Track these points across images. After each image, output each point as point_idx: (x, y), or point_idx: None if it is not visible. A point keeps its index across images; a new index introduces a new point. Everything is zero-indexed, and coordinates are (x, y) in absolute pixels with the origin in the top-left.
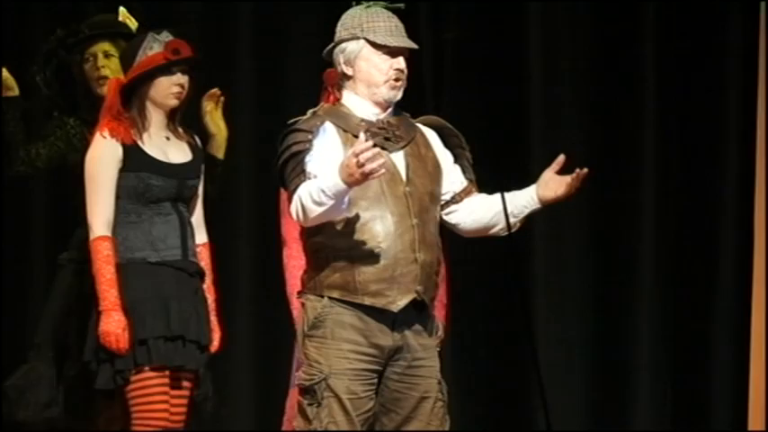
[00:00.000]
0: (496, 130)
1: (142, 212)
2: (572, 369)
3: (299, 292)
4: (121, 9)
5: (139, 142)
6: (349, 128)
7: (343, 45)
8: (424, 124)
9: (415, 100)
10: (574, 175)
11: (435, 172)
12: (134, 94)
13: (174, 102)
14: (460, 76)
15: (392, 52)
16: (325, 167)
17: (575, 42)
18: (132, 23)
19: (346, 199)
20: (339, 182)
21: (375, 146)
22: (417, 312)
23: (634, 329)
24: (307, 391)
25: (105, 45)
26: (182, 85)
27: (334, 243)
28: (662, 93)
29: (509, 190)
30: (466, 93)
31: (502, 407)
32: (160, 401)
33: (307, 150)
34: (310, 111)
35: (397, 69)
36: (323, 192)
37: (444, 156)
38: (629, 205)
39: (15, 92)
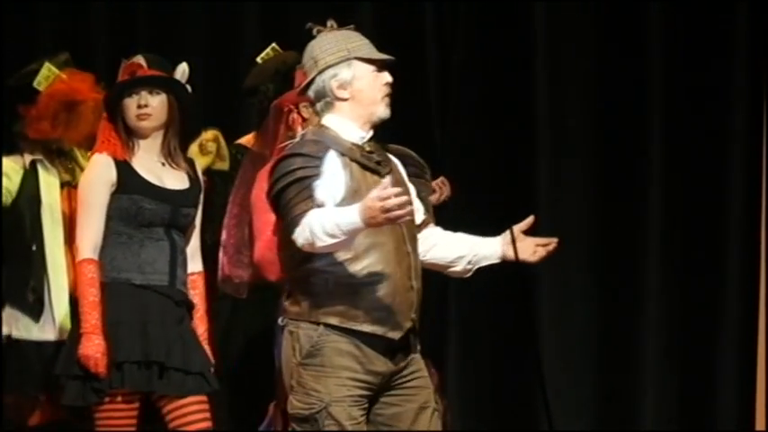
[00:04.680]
0: (501, 150)
1: (133, 235)
2: (576, 368)
3: (284, 319)
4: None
5: (130, 161)
6: (345, 151)
7: (333, 70)
8: (392, 153)
9: (421, 119)
10: (543, 243)
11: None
12: (115, 117)
13: (142, 123)
14: (466, 94)
15: (379, 68)
16: (333, 196)
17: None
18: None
19: (354, 239)
20: (358, 220)
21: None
22: (407, 338)
23: (639, 329)
24: (306, 420)
25: None
26: (144, 106)
27: (334, 269)
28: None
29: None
30: (472, 111)
31: (503, 407)
32: (127, 425)
33: (314, 177)
34: (299, 134)
35: (387, 84)
36: (338, 226)
37: (410, 184)
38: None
39: (226, 165)
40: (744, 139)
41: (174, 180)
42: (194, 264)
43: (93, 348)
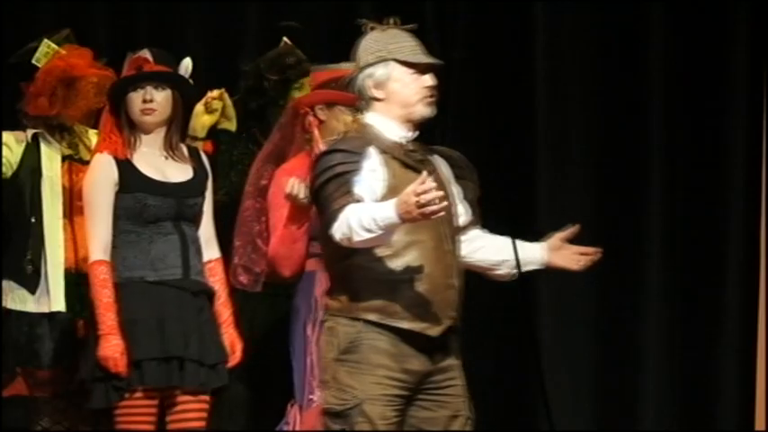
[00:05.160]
0: (502, 148)
1: (141, 232)
2: (577, 368)
3: (326, 314)
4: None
5: (133, 160)
6: (387, 149)
7: (371, 70)
8: (438, 154)
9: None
10: (587, 252)
11: (452, 200)
12: (119, 111)
13: (146, 118)
14: (466, 95)
15: (421, 70)
16: (372, 191)
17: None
18: None
19: (393, 234)
20: (393, 215)
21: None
22: (448, 336)
23: (640, 330)
24: (338, 415)
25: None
26: (149, 101)
27: (373, 266)
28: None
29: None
30: (473, 110)
31: (503, 407)
32: (146, 422)
33: (354, 172)
34: (341, 131)
35: (428, 87)
36: (374, 221)
37: (453, 186)
38: (635, 211)
39: (233, 126)
40: (744, 138)
41: (177, 172)
42: (211, 251)
43: (112, 349)
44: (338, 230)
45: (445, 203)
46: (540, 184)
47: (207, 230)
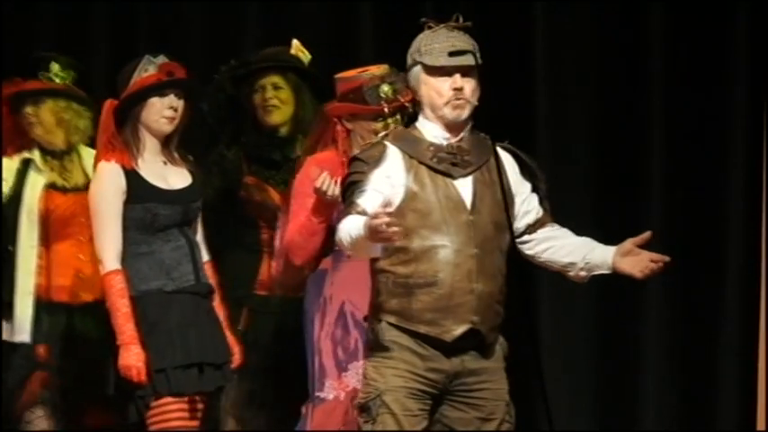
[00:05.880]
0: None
1: (152, 242)
2: (576, 368)
3: (365, 317)
4: (295, 42)
5: (136, 168)
6: (416, 153)
7: (410, 72)
8: (503, 149)
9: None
10: (656, 259)
11: (505, 199)
12: (128, 117)
13: (166, 127)
14: None
15: (449, 72)
16: (374, 201)
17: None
18: (305, 56)
19: (379, 246)
20: (363, 234)
21: (389, 213)
22: (476, 339)
23: (640, 330)
24: (363, 408)
25: (275, 77)
26: (175, 109)
27: (394, 269)
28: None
29: None
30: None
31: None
32: (179, 426)
33: (361, 182)
34: (381, 134)
35: (455, 89)
36: (352, 236)
37: (520, 183)
38: (635, 211)
39: None
40: (744, 138)
41: (179, 178)
42: (204, 253)
43: (134, 358)
44: (339, 239)
45: (399, 231)
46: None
47: (200, 233)
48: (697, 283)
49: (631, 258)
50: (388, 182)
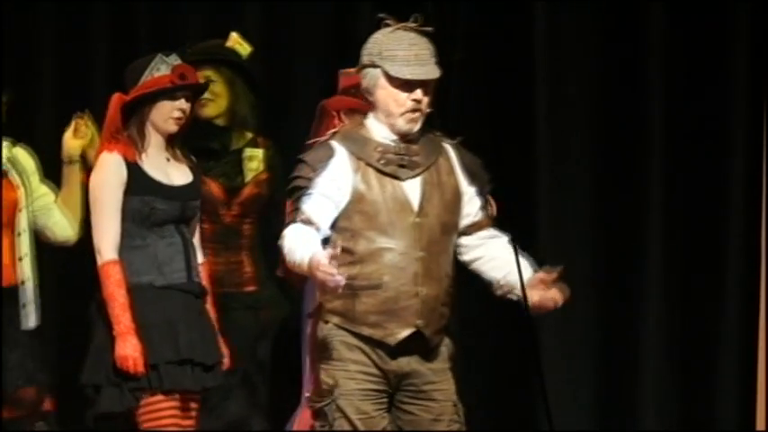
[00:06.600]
0: (502, 149)
1: (147, 236)
2: (577, 368)
3: (310, 313)
4: (233, 34)
5: (139, 161)
6: (363, 154)
7: (366, 70)
8: (452, 147)
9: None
10: (547, 278)
11: (453, 200)
12: (135, 113)
13: (173, 127)
14: (466, 95)
15: (410, 83)
16: (320, 206)
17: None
18: (244, 49)
19: None
20: (305, 267)
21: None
22: (421, 342)
23: (640, 330)
24: (318, 414)
25: (207, 71)
26: (183, 111)
27: (339, 270)
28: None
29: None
30: (472, 111)
31: (503, 407)
32: (171, 424)
33: (306, 188)
34: (330, 132)
35: (414, 100)
36: (295, 258)
37: (467, 183)
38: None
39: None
40: (744, 138)
41: (180, 174)
42: (199, 254)
43: (131, 348)
44: (281, 246)
45: (341, 281)
46: (540, 184)
47: (197, 234)
48: (697, 283)
49: (537, 291)
50: (334, 185)
